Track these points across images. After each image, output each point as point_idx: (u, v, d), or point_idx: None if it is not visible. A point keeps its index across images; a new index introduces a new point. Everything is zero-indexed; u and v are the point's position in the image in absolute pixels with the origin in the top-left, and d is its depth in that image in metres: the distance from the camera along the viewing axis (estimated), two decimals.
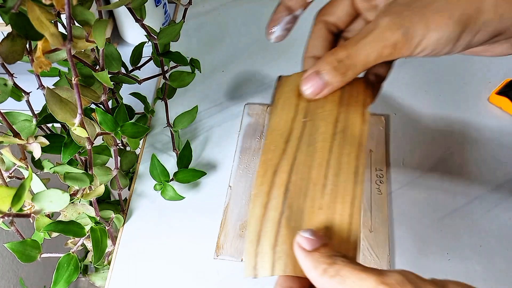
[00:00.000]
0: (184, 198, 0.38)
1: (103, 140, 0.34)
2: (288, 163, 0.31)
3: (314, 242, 0.26)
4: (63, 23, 0.28)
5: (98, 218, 0.34)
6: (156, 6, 0.53)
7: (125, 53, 0.37)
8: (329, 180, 0.30)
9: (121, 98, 0.40)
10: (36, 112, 0.33)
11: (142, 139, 0.44)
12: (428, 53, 0.25)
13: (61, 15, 0.27)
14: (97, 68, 0.31)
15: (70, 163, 0.31)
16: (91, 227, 0.34)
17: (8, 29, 0.26)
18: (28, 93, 0.32)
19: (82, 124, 0.28)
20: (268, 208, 0.29)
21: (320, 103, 0.33)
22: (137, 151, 0.43)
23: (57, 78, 0.36)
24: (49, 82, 0.33)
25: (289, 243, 0.27)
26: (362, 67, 0.28)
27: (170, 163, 0.42)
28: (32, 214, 0.28)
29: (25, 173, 0.32)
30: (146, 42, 0.38)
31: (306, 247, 0.25)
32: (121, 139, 0.40)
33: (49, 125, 0.36)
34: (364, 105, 0.32)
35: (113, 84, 0.37)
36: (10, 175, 0.31)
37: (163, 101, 0.41)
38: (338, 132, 0.32)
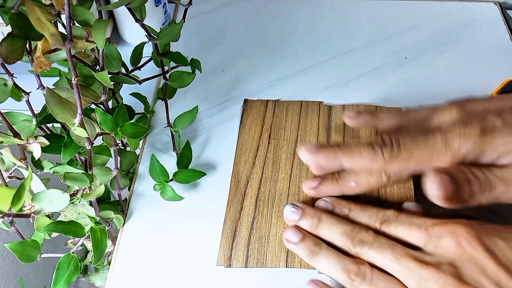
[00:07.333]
0: (183, 198, 0.38)
1: (103, 140, 0.34)
2: (258, 177, 0.39)
3: None
4: (63, 23, 0.28)
5: (98, 218, 0.34)
6: (156, 6, 0.53)
7: (125, 53, 0.37)
8: (292, 190, 0.37)
9: (121, 98, 0.40)
10: (36, 112, 0.33)
11: (142, 139, 0.44)
12: None
13: (61, 15, 0.27)
14: (97, 68, 0.31)
15: (70, 163, 0.31)
16: (91, 227, 0.34)
17: (8, 29, 0.26)
18: (28, 93, 0.32)
19: (82, 124, 0.28)
20: (242, 214, 0.37)
21: (282, 126, 0.42)
22: (137, 151, 0.43)
23: (57, 78, 0.36)
24: (49, 82, 0.33)
25: (259, 243, 0.35)
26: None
27: (170, 163, 0.41)
28: (32, 214, 0.28)
29: (25, 173, 0.32)
30: (146, 42, 0.38)
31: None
32: (121, 139, 0.40)
33: (49, 125, 0.36)
34: (317, 128, 0.41)
35: (113, 84, 0.37)
36: (10, 175, 0.31)
37: (163, 101, 0.41)
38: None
